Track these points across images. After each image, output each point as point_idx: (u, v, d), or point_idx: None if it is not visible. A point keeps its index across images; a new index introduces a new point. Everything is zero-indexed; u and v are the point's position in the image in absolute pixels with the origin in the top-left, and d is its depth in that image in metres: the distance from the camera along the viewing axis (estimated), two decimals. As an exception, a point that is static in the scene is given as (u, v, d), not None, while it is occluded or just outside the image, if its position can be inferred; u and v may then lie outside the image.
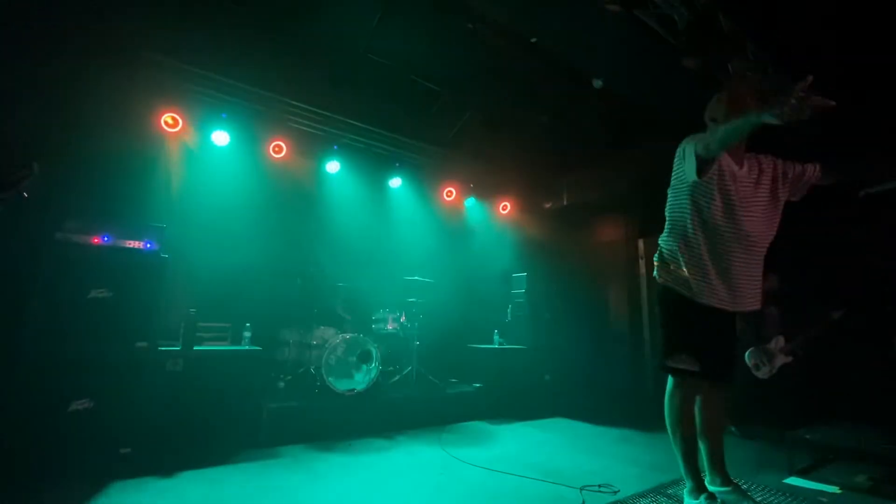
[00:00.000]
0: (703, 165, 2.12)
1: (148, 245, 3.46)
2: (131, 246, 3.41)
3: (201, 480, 2.92)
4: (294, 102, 4.92)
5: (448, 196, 6.71)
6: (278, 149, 5.16)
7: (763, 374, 3.92)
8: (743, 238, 2.21)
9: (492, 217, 7.14)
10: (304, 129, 5.25)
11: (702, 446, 2.42)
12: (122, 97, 4.00)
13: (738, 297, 2.23)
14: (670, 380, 2.37)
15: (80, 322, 3.06)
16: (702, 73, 3.14)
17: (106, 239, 3.32)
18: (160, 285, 3.41)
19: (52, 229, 3.13)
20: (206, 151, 4.78)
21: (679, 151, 2.31)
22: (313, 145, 5.47)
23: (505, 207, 7.18)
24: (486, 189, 6.98)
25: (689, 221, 2.28)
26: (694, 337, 2.25)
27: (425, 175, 6.32)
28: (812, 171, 2.33)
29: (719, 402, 2.44)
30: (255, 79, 4.57)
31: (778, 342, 3.96)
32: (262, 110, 4.88)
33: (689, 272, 2.24)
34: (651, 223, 2.55)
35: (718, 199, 2.21)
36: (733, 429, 4.10)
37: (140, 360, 3.23)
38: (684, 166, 2.23)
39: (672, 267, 2.31)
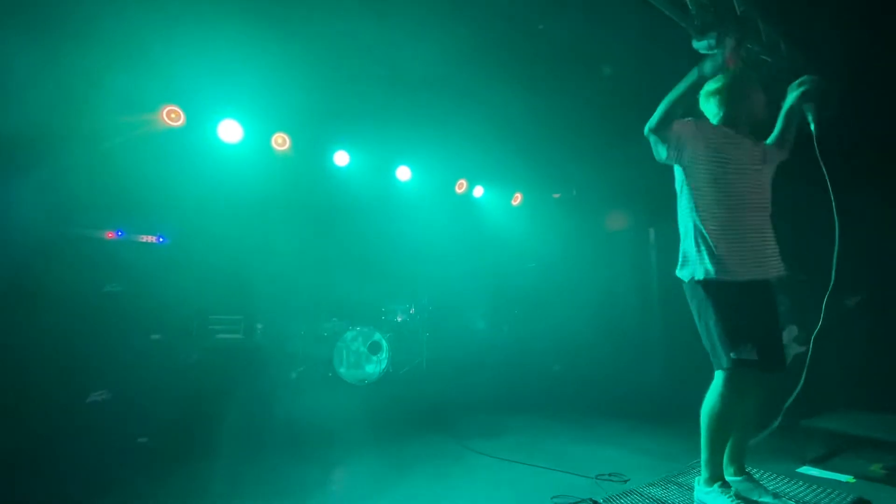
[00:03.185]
0: (657, 139, 2.22)
1: (161, 239, 3.51)
2: (145, 240, 3.47)
3: (216, 469, 2.97)
4: (300, 98, 4.92)
5: (458, 188, 6.70)
6: (283, 142, 5.19)
7: None
8: (745, 210, 2.26)
9: (502, 208, 7.11)
10: (311, 124, 5.26)
11: (731, 438, 2.37)
12: (131, 91, 4.03)
13: (763, 260, 2.25)
14: (721, 374, 2.25)
15: (96, 316, 3.13)
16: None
17: (120, 234, 3.37)
18: (173, 279, 3.46)
19: (66, 225, 3.19)
20: (217, 147, 4.81)
21: None
22: (321, 139, 5.48)
23: (516, 198, 7.15)
24: (497, 180, 6.95)
25: (693, 206, 2.28)
26: (751, 323, 2.20)
27: (435, 167, 6.31)
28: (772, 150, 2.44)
29: (761, 394, 2.38)
30: (263, 74, 4.57)
31: (791, 332, 3.90)
32: (270, 106, 4.90)
33: (717, 251, 2.20)
34: (662, 211, 2.51)
35: (713, 168, 2.25)
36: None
37: (155, 352, 3.29)
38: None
39: (702, 254, 2.26)
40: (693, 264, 2.29)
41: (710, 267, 2.22)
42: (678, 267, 2.39)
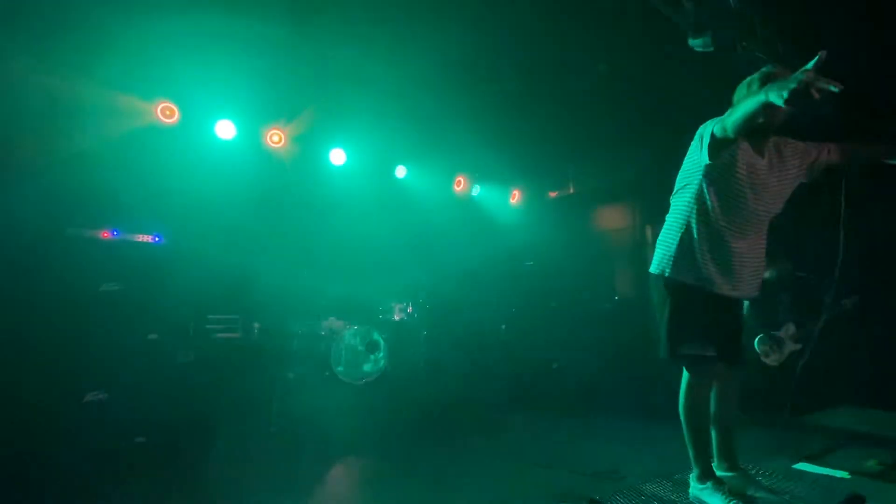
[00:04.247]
0: (717, 147, 2.02)
1: (157, 238, 3.50)
2: (141, 240, 3.46)
3: (213, 468, 2.97)
4: (299, 96, 4.90)
5: (457, 186, 6.71)
6: (279, 139, 5.18)
7: (773, 361, 3.88)
8: (747, 230, 2.17)
9: (500, 206, 7.11)
10: (310, 121, 5.24)
11: (714, 433, 2.40)
12: (126, 87, 4.00)
13: (737, 286, 2.19)
14: (685, 370, 2.31)
15: (92, 316, 3.12)
16: (708, 55, 3.07)
17: (115, 233, 3.37)
18: (170, 278, 3.46)
19: (62, 225, 3.18)
20: (213, 144, 4.79)
21: (698, 134, 2.17)
22: (319, 138, 5.47)
23: (513, 196, 7.16)
24: (494, 178, 6.95)
25: (694, 209, 2.20)
26: (702, 319, 2.18)
27: (432, 165, 6.30)
28: (826, 152, 2.24)
29: (734, 389, 2.41)
30: (260, 71, 4.55)
31: (788, 329, 3.92)
32: (266, 103, 4.88)
33: (699, 260, 2.17)
34: (659, 209, 2.50)
35: (729, 189, 2.13)
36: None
37: (151, 351, 3.29)
38: (699, 150, 2.11)
39: (682, 255, 2.23)
40: (668, 261, 2.25)
41: (684, 270, 2.19)
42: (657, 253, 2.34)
